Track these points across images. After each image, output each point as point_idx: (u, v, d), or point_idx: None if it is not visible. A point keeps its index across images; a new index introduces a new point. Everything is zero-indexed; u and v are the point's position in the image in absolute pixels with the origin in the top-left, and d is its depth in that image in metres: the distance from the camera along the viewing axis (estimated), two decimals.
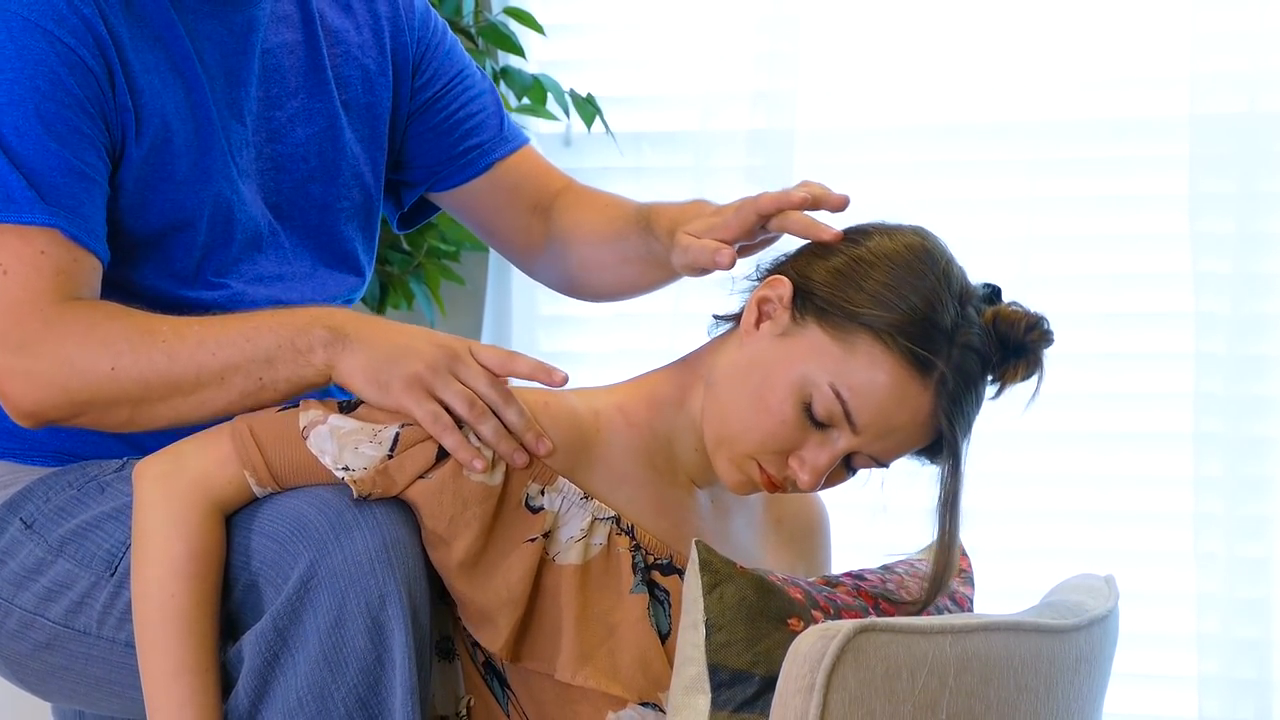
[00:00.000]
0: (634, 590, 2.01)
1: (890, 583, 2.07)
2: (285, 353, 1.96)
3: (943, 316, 1.96)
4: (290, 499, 1.95)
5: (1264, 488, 3.30)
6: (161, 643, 1.93)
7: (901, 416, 1.96)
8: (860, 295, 1.96)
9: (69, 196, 1.99)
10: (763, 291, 2.01)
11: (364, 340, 1.96)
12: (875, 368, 1.95)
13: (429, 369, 1.95)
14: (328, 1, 2.24)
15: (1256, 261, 3.30)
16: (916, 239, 2.01)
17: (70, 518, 2.05)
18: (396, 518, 1.94)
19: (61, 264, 1.98)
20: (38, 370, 1.97)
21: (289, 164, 2.18)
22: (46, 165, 1.99)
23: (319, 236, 2.21)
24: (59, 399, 1.97)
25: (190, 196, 2.09)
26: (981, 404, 2.00)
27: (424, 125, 2.31)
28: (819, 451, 1.98)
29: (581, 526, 2.00)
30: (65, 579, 2.04)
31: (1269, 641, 3.29)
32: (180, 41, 2.08)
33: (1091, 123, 3.38)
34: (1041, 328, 2.01)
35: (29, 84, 1.99)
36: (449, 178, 2.34)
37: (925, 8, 3.43)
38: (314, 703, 1.90)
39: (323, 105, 2.20)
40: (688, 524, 2.07)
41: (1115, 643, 2.10)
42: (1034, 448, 3.40)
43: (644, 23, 3.59)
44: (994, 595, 2.78)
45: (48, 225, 1.98)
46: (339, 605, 1.89)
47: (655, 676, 2.00)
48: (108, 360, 1.96)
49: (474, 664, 2.03)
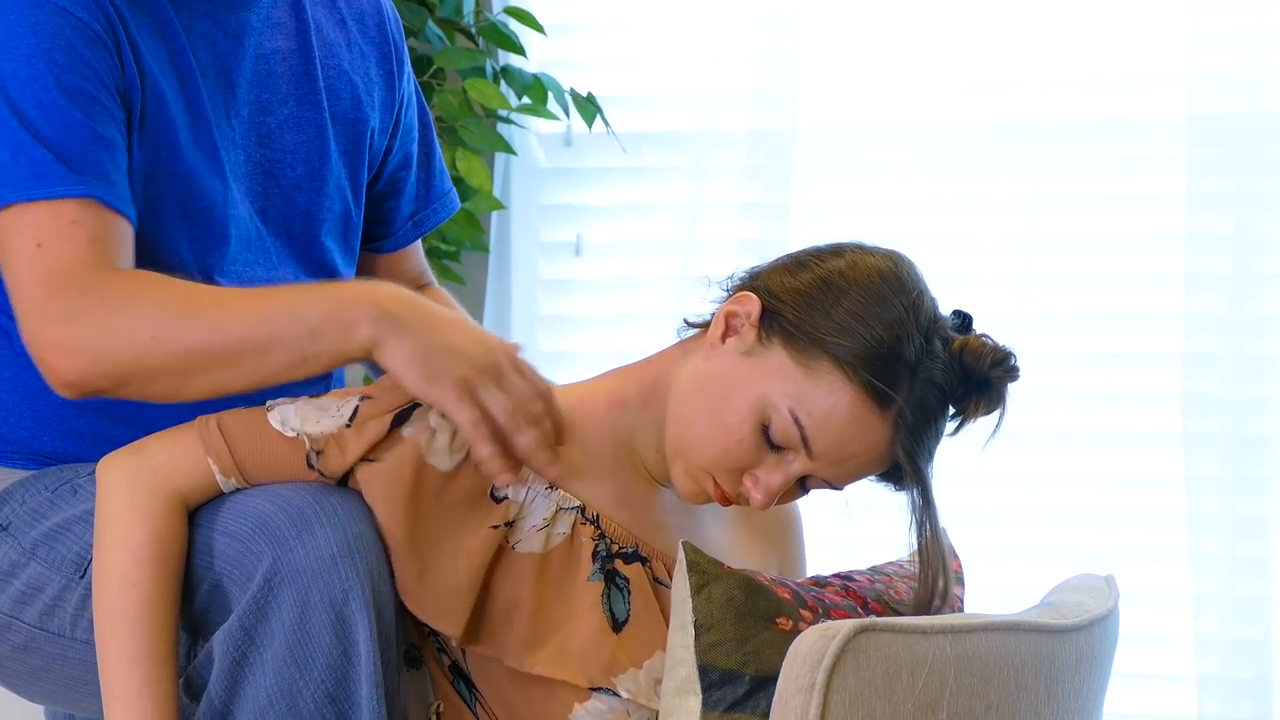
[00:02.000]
0: (590, 578, 2.02)
1: (879, 583, 2.08)
2: (329, 325, 1.92)
3: (907, 349, 1.96)
4: (251, 497, 1.96)
5: (1263, 488, 3.30)
6: (120, 630, 1.93)
7: (857, 446, 1.97)
8: (827, 322, 1.97)
9: (96, 164, 1.98)
10: (731, 306, 2.02)
11: (413, 328, 1.93)
12: (835, 397, 1.96)
13: (477, 372, 1.93)
14: (324, 13, 2.24)
15: (1254, 261, 3.30)
16: (889, 265, 2.00)
17: (43, 520, 2.06)
18: (358, 514, 1.94)
19: (96, 232, 1.96)
20: (79, 341, 1.94)
21: (277, 170, 2.18)
22: (72, 136, 1.97)
23: (300, 245, 2.21)
24: (100, 369, 1.94)
25: (189, 188, 2.09)
26: (941, 436, 2.00)
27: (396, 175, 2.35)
28: (773, 472, 1.99)
29: (544, 516, 2.01)
30: (37, 582, 2.04)
31: (1268, 641, 3.29)
32: (178, 37, 2.09)
33: (1090, 122, 3.38)
34: (1007, 364, 2.00)
35: (46, 58, 1.98)
36: (397, 238, 2.39)
37: (925, 8, 3.43)
38: (283, 700, 1.90)
39: (312, 114, 2.20)
40: (651, 518, 2.08)
41: (1115, 643, 2.11)
42: (1034, 448, 3.40)
43: (644, 23, 3.58)
44: (993, 595, 2.79)
45: (80, 196, 1.96)
46: (303, 602, 1.89)
47: (606, 663, 2.00)
48: (149, 330, 1.93)
49: (440, 669, 2.04)
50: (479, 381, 1.93)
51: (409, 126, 2.35)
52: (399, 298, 1.95)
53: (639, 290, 3.56)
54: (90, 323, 1.94)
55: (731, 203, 3.49)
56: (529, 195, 3.59)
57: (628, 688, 2.00)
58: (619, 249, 3.60)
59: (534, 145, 3.59)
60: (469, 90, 3.35)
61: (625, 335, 3.51)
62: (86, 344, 1.94)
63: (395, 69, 2.31)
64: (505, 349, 1.97)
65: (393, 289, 1.97)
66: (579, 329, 3.63)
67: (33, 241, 1.96)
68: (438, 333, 1.94)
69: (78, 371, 1.95)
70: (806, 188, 3.46)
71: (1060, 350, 3.41)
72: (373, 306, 1.93)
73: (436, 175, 2.40)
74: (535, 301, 3.60)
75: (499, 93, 3.38)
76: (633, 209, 3.60)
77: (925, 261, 2.07)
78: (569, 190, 3.63)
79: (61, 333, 1.94)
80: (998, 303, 3.35)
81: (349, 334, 1.92)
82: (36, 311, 1.95)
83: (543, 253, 3.62)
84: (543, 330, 3.61)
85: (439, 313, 1.97)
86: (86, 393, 1.97)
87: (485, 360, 1.94)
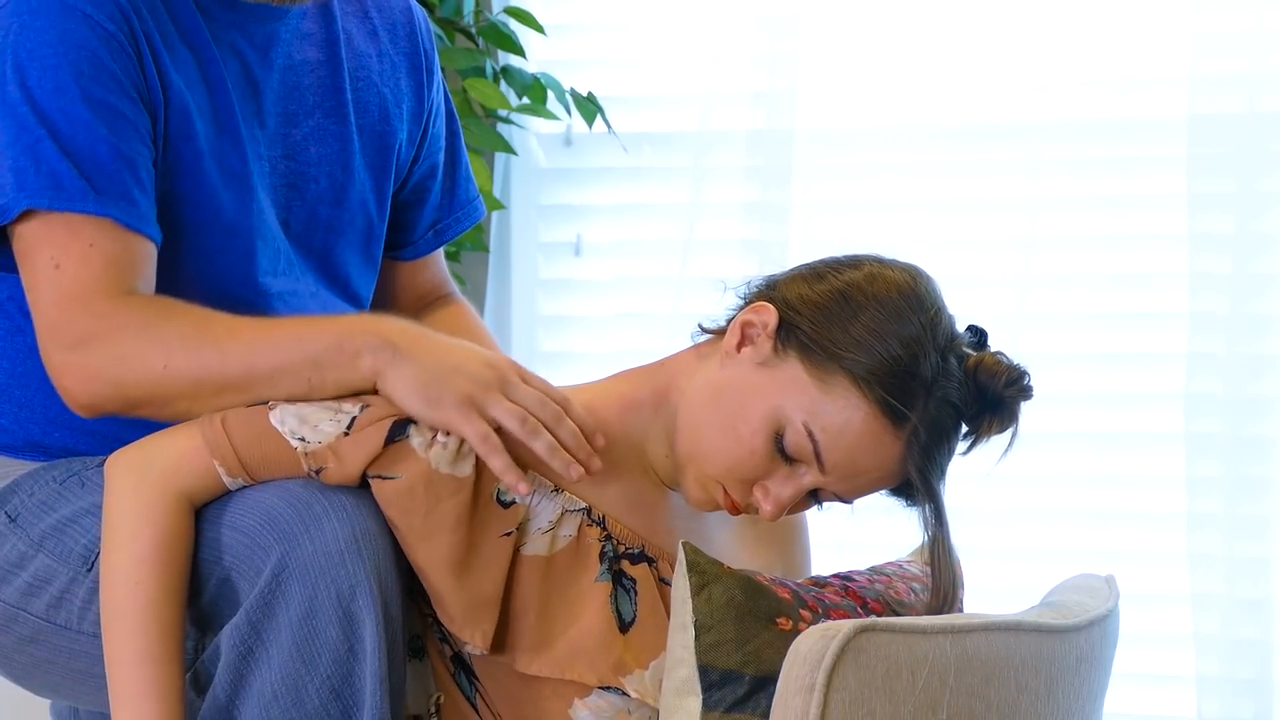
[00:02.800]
0: (599, 579, 2.02)
1: (879, 584, 2.08)
2: (332, 356, 1.97)
3: (923, 367, 1.95)
4: (258, 493, 1.96)
5: (1263, 488, 3.30)
6: (126, 630, 1.94)
7: (870, 461, 1.97)
8: (845, 337, 1.96)
9: (119, 182, 2.00)
10: (748, 316, 2.02)
11: (413, 354, 1.97)
12: (849, 412, 1.95)
13: (480, 387, 1.96)
14: (355, 24, 2.24)
15: (1255, 261, 3.30)
16: (908, 280, 2.00)
17: (51, 512, 2.07)
18: (365, 509, 1.95)
19: (111, 255, 2.00)
20: (92, 366, 1.99)
21: (301, 183, 2.18)
22: (95, 152, 2.00)
23: (322, 258, 2.22)
24: (113, 393, 2.00)
25: (216, 198, 2.09)
26: (954, 454, 2.00)
27: (422, 187, 2.34)
28: (784, 485, 1.99)
29: (550, 519, 2.01)
30: (45, 574, 2.05)
31: (1268, 641, 3.29)
32: (208, 47, 2.09)
33: (1090, 122, 3.38)
34: (1021, 383, 2.00)
35: (73, 68, 2.00)
36: (419, 246, 2.37)
37: (925, 8, 3.43)
38: (288, 695, 1.91)
39: (338, 128, 2.20)
40: (660, 521, 2.08)
41: (1115, 643, 2.11)
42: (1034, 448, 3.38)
43: (644, 23, 3.58)
44: (994, 595, 2.79)
45: (99, 215, 1.99)
46: (310, 597, 1.89)
47: (614, 663, 2.00)
48: (160, 358, 1.98)
49: (442, 659, 2.04)
50: (484, 396, 1.95)
51: (436, 135, 2.34)
52: (401, 328, 2.00)
53: (639, 290, 3.56)
54: (104, 351, 1.98)
55: (731, 203, 3.49)
56: (529, 195, 3.59)
57: (635, 688, 2.00)
58: (619, 249, 3.60)
59: (534, 145, 3.59)
60: (469, 90, 3.36)
61: (625, 335, 3.51)
62: (100, 371, 1.99)
63: (425, 78, 2.30)
64: (511, 364, 2.00)
65: (397, 321, 2.02)
66: (579, 329, 3.63)
67: (51, 262, 2.00)
68: (439, 357, 1.97)
69: (92, 396, 2.01)
70: (806, 188, 3.46)
71: (1059, 351, 3.41)
72: (374, 337, 1.97)
73: (461, 183, 2.40)
74: (535, 301, 3.60)
75: (499, 93, 3.38)
76: (632, 209, 3.60)
77: (926, 262, 2.07)
78: (569, 190, 3.62)
79: (76, 359, 1.99)
80: (998, 303, 3.35)
81: (352, 364, 1.97)
82: (53, 335, 2.00)
83: (543, 253, 3.62)
84: (543, 330, 3.61)
85: (442, 340, 2.00)
86: (101, 414, 2.02)
87: (489, 375, 1.97)
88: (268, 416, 1.98)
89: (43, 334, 2.02)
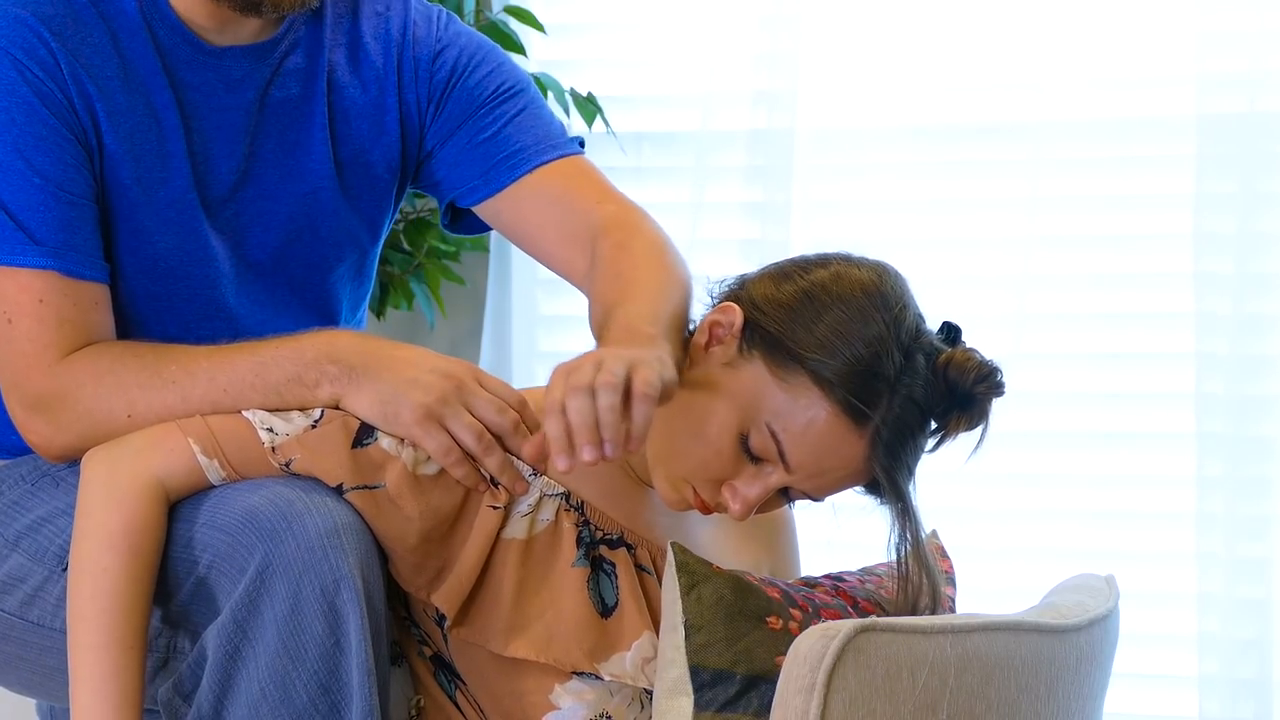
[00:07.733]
0: (575, 564, 2.03)
1: (869, 584, 2.08)
2: (293, 387, 2.00)
3: (886, 366, 1.95)
4: (237, 491, 1.97)
5: (1265, 488, 3.30)
6: (90, 615, 1.94)
7: (834, 460, 1.97)
8: (808, 338, 1.96)
9: (60, 230, 2.02)
10: (715, 316, 2.02)
11: (370, 372, 1.99)
12: (812, 412, 1.95)
13: (439, 401, 1.97)
14: (341, 56, 2.21)
15: (1259, 261, 3.30)
16: (873, 278, 2.00)
17: (26, 513, 2.08)
18: (345, 503, 1.96)
19: (63, 311, 2.03)
20: (57, 423, 2.03)
21: (272, 221, 2.17)
22: (31, 201, 2.01)
23: (304, 290, 2.22)
24: (83, 445, 2.02)
25: (157, 241, 2.10)
26: (922, 451, 2.00)
27: (449, 152, 2.26)
28: (751, 484, 1.99)
29: (529, 502, 2.02)
30: (19, 573, 2.06)
31: (1269, 641, 3.29)
32: (163, 91, 2.09)
33: (1096, 123, 3.38)
34: (992, 380, 1.98)
35: (5, 117, 2.01)
36: (473, 193, 2.28)
37: (926, 7, 3.43)
38: (276, 692, 1.91)
39: (312, 165, 2.18)
40: (639, 515, 2.09)
41: (1116, 643, 2.10)
42: (1035, 447, 3.40)
43: (644, 23, 3.58)
44: (994, 595, 2.79)
45: (41, 268, 2.01)
46: (294, 593, 1.90)
47: (591, 648, 2.01)
48: (123, 408, 2.01)
49: (422, 661, 2.05)
50: (442, 409, 1.97)
51: (449, 115, 2.26)
52: (356, 346, 2.01)
53: None
54: (66, 411, 2.02)
55: (732, 203, 3.50)
56: None
57: (614, 670, 2.01)
58: None
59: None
60: None
61: None
62: (66, 427, 2.03)
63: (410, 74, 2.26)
64: (466, 367, 2.01)
65: (352, 337, 2.03)
66: (579, 329, 3.60)
67: (4, 317, 2.03)
68: (396, 371, 1.99)
69: (61, 449, 2.05)
70: (806, 188, 3.46)
71: (1062, 350, 3.41)
72: (330, 363, 1.99)
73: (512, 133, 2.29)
74: (535, 301, 3.60)
75: None
76: None
77: (927, 262, 2.07)
78: None
79: (39, 417, 2.04)
80: (1001, 303, 3.35)
81: (313, 394, 2.00)
82: (15, 394, 2.05)
83: None
84: (542, 330, 3.61)
85: (399, 353, 2.01)
86: (74, 461, 2.05)
87: (445, 386, 1.98)
88: (241, 410, 2.00)
89: (6, 389, 2.06)
